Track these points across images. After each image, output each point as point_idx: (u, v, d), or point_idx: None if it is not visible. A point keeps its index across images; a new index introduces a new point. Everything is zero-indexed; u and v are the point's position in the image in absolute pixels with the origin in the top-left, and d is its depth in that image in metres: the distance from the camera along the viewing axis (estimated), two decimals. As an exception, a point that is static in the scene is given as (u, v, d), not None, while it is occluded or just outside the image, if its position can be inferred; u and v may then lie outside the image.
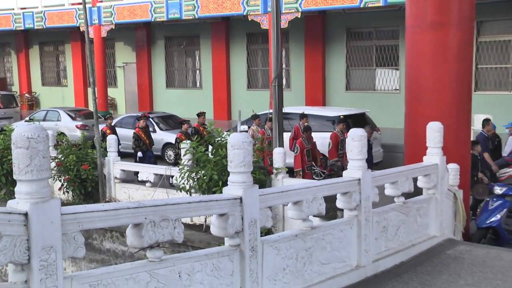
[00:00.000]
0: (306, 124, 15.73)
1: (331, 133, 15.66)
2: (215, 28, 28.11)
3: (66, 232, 4.53)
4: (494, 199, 10.91)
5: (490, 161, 13.71)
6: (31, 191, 4.28)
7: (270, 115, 15.64)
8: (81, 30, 27.20)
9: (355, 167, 7.41)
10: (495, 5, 20.42)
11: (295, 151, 14.88)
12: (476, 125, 17.88)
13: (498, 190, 11.13)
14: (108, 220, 4.97)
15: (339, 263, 7.17)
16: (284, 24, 22.47)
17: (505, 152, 15.22)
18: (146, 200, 5.47)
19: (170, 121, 21.75)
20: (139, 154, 17.34)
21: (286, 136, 15.22)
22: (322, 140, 16.25)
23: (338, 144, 15.05)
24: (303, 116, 15.96)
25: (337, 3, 21.81)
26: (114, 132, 18.19)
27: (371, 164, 15.28)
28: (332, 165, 15.36)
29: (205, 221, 12.38)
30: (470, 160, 11.84)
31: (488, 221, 10.58)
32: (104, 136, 17.47)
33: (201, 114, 18.35)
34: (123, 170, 15.42)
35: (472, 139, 14.63)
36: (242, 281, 5.92)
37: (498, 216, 10.58)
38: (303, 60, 26.01)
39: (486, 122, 15.36)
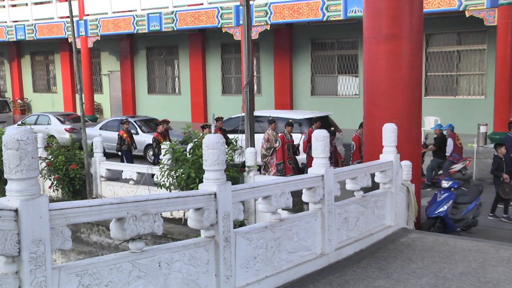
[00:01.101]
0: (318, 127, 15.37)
1: (352, 136, 15.27)
2: (192, 39, 28.07)
3: (54, 226, 4.48)
4: (442, 192, 11.02)
5: None
6: (21, 189, 4.23)
7: (290, 120, 15.65)
8: (69, 41, 26.93)
9: (319, 164, 7.40)
10: (441, 20, 20.65)
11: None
12: (426, 126, 18.09)
13: (445, 184, 11.25)
14: (93, 215, 4.91)
15: (305, 251, 7.16)
16: (255, 35, 22.57)
17: (447, 153, 15.20)
18: (128, 196, 5.40)
19: (152, 124, 21.62)
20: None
21: (257, 137, 15.15)
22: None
23: (361, 146, 14.22)
24: (316, 120, 15.57)
25: (302, 17, 21.93)
26: (131, 136, 18.07)
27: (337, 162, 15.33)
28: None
29: (184, 215, 12.32)
30: (420, 157, 11.93)
31: (437, 212, 10.70)
32: (122, 139, 17.35)
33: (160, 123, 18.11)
34: (108, 169, 15.37)
35: (422, 139, 14.76)
36: (217, 269, 5.89)
37: (445, 207, 10.70)
38: (272, 68, 26.06)
39: None
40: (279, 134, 14.76)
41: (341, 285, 6.69)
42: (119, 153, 17.77)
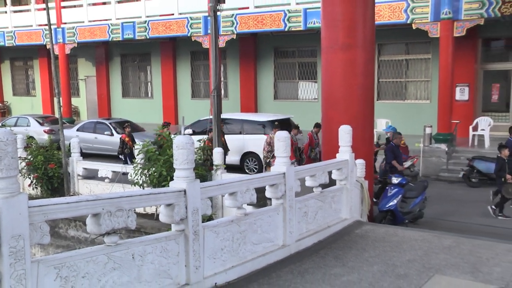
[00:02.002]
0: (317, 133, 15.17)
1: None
2: (164, 47, 27.87)
3: (33, 222, 4.40)
4: (392, 188, 11.13)
5: None
6: (1, 187, 4.16)
7: (297, 123, 15.49)
8: (48, 47, 26.51)
9: (281, 163, 7.41)
10: (391, 32, 20.88)
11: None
12: (379, 128, 18.27)
13: (394, 180, 11.36)
14: (70, 211, 4.84)
15: (268, 243, 7.16)
16: (222, 44, 22.50)
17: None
18: (103, 194, 5.33)
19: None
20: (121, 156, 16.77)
21: (226, 137, 15.15)
22: (255, 141, 16.27)
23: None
24: (317, 125, 15.25)
25: (266, 27, 21.96)
26: (132, 139, 17.48)
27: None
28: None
29: (156, 210, 12.20)
30: (373, 156, 12.03)
31: (387, 205, 10.82)
32: (124, 143, 16.90)
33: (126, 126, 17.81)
34: (85, 168, 15.19)
35: (375, 139, 14.88)
36: (186, 260, 5.85)
37: (395, 201, 10.83)
38: (238, 74, 26.03)
39: None
40: (308, 133, 14.36)
41: (301, 273, 6.71)
42: (121, 156, 17.20)
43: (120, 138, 17.17)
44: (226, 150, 15.49)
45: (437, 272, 6.81)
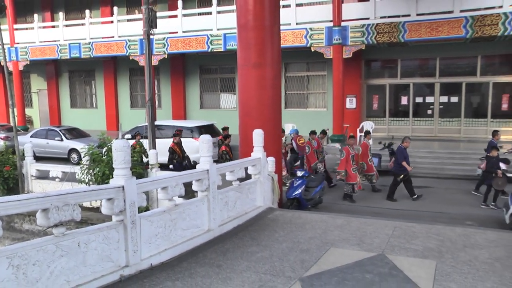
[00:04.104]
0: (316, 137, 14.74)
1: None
2: (106, 65, 27.06)
3: (-14, 218, 4.14)
4: (297, 179, 11.32)
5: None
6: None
7: (347, 128, 15.65)
8: (1, 64, 25.06)
9: (205, 161, 7.37)
10: (295, 53, 21.28)
11: (341, 156, 12.82)
12: (286, 131, 18.53)
13: (299, 173, 11.57)
14: (21, 207, 4.62)
15: (195, 228, 7.10)
16: (155, 62, 22.21)
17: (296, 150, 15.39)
18: (51, 191, 5.10)
19: (74, 132, 20.63)
20: (171, 166, 14.58)
21: (158, 141, 14.85)
22: (185, 143, 16.04)
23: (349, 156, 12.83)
24: (318, 132, 14.85)
25: (192, 48, 21.83)
26: (141, 147, 15.50)
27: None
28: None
29: (101, 204, 11.79)
30: (281, 154, 12.11)
31: (294, 194, 10.97)
32: (134, 150, 15.40)
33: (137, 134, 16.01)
34: (38, 170, 14.53)
35: (283, 140, 15.05)
36: (126, 246, 5.72)
37: (300, 190, 11.01)
38: (170, 87, 25.70)
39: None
40: (344, 147, 13.14)
41: (223, 252, 6.70)
42: (171, 166, 15.14)
43: (132, 145, 15.53)
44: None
45: (332, 245, 7.00)
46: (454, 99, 20.29)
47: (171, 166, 14.56)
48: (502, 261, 6.36)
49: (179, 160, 14.91)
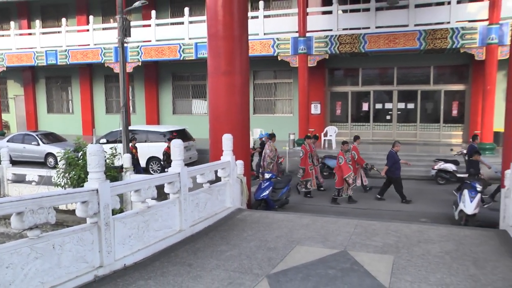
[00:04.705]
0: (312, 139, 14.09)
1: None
2: (82, 71, 26.57)
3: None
4: (265, 181, 11.34)
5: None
6: None
7: (313, 133, 15.18)
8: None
9: (176, 165, 7.33)
10: (263, 62, 21.40)
11: (340, 162, 12.38)
12: (255, 135, 18.60)
13: (266, 175, 11.59)
14: (-5, 211, 4.47)
15: (167, 229, 7.04)
16: (130, 69, 21.95)
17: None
18: (26, 195, 4.98)
19: (51, 137, 20.19)
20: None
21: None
22: (157, 148, 15.92)
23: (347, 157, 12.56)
24: (312, 137, 14.33)
25: (165, 57, 21.66)
26: (137, 151, 15.22)
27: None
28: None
29: (77, 207, 11.57)
30: (250, 157, 12.10)
31: (261, 195, 10.98)
32: (131, 153, 14.88)
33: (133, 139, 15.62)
34: (14, 174, 14.13)
35: (251, 144, 15.07)
36: (100, 247, 5.62)
37: (267, 192, 11.03)
38: (143, 94, 25.42)
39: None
40: (350, 153, 12.80)
41: (194, 251, 6.67)
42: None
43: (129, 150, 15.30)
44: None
45: (298, 243, 7.04)
46: (411, 105, 20.77)
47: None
48: (451, 254, 6.57)
49: (136, 162, 14.82)
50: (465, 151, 13.79)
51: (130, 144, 14.83)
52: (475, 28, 17.14)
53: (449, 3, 17.76)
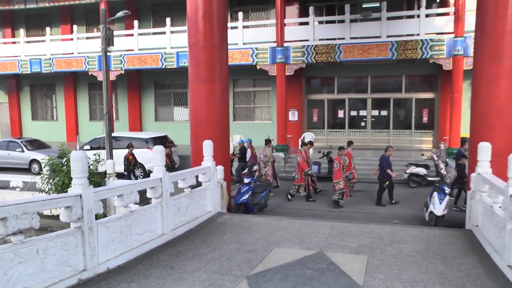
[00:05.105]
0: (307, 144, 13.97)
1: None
2: (66, 79, 26.14)
3: None
4: (244, 186, 11.36)
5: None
6: None
7: (311, 140, 15.09)
8: (-40, 79, 23.80)
9: (158, 170, 7.31)
10: (242, 70, 21.42)
11: (335, 167, 12.31)
12: (234, 141, 18.60)
13: (246, 180, 11.62)
14: (-21, 217, 4.39)
15: (150, 233, 7.02)
16: (113, 77, 21.76)
17: (247, 158, 15.31)
18: (10, 200, 4.91)
19: (35, 144, 19.82)
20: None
21: (115, 152, 14.53)
22: (140, 154, 15.75)
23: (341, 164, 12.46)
24: (310, 143, 14.26)
25: (147, 65, 21.53)
26: (134, 158, 14.96)
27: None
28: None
29: (61, 212, 11.41)
30: (229, 163, 12.13)
31: (241, 199, 11.00)
32: (128, 160, 14.44)
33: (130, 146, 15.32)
34: (-3, 180, 13.82)
35: (231, 150, 15.09)
36: (83, 251, 5.58)
37: (246, 196, 11.06)
38: (126, 101, 25.14)
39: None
40: (304, 151, 13.11)
41: (176, 254, 6.66)
42: (125, 172, 14.57)
43: (125, 156, 14.72)
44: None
45: (276, 245, 7.09)
46: (384, 112, 21.09)
47: None
48: (422, 253, 6.71)
49: (132, 168, 14.70)
50: (435, 156, 14.08)
51: (127, 151, 14.66)
52: (442, 40, 17.57)
53: (418, 16, 18.18)
